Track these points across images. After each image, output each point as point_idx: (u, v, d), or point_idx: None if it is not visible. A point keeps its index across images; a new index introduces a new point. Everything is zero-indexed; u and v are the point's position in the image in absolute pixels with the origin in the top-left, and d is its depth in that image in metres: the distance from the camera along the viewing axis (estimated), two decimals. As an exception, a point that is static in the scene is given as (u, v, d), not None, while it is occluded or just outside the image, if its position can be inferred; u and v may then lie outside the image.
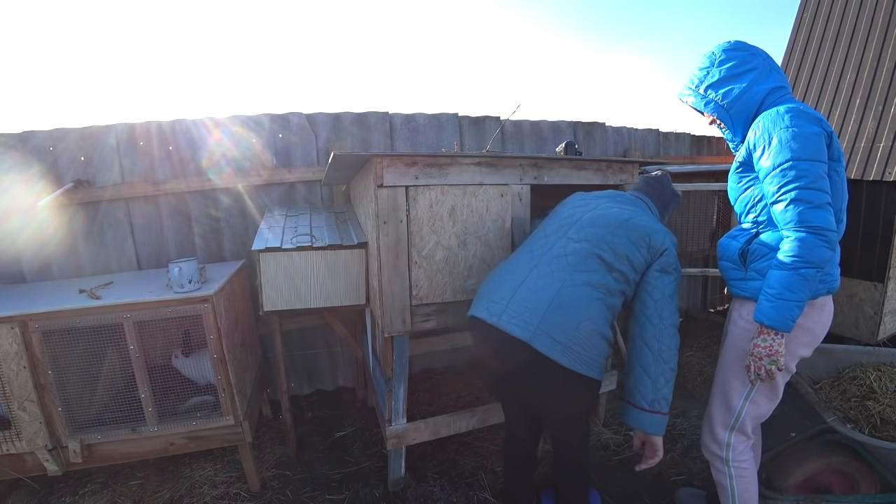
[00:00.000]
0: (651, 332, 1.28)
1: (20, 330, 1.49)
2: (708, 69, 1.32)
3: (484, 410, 1.90)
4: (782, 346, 1.18)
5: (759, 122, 1.22)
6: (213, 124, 2.32)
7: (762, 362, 1.19)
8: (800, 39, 3.49)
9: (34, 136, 2.10)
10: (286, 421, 2.05)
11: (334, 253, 1.76)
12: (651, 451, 1.32)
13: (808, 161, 1.12)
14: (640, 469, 1.34)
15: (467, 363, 2.96)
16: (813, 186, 1.12)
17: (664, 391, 1.27)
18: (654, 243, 1.32)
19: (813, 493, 1.46)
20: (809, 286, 1.13)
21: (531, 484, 1.63)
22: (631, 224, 1.35)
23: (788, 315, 1.14)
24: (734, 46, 1.30)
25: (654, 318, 1.28)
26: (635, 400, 1.28)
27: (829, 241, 1.11)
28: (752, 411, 1.35)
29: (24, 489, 1.87)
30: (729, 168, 1.40)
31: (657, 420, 1.27)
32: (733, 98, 1.27)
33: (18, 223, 2.08)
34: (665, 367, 1.27)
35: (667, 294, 1.30)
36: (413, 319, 1.58)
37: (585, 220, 1.39)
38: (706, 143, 3.92)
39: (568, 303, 1.23)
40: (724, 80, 1.28)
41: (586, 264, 1.29)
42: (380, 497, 1.80)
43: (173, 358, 1.86)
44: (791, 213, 1.13)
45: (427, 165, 1.50)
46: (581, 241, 1.34)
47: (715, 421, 1.41)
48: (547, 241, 1.39)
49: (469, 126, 2.83)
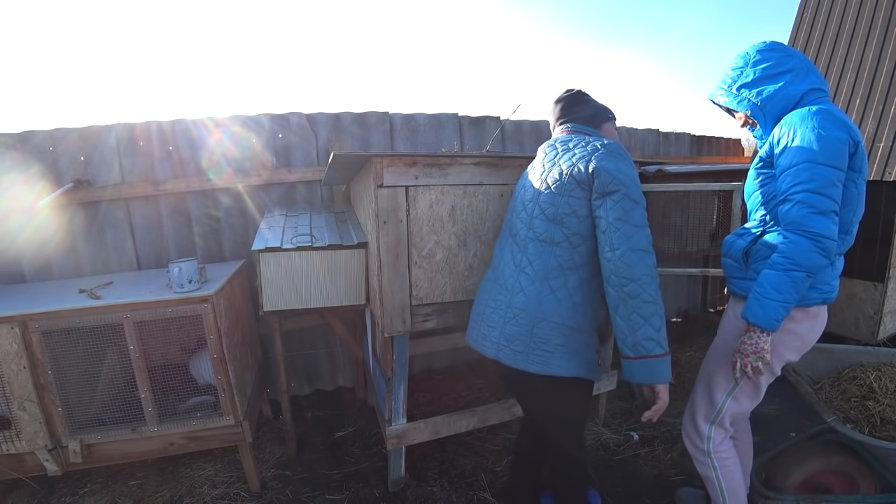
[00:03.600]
0: (607, 268, 1.11)
1: (20, 330, 1.49)
2: (742, 69, 1.30)
3: (484, 410, 1.89)
4: (768, 345, 1.20)
5: (787, 119, 1.21)
6: (213, 124, 2.32)
7: (748, 359, 1.21)
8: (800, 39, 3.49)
9: (34, 136, 2.10)
10: (286, 421, 2.05)
11: (334, 253, 1.76)
12: (653, 397, 1.15)
13: (825, 165, 1.11)
14: (645, 419, 1.18)
15: (467, 363, 2.96)
16: (821, 192, 1.11)
17: (645, 330, 1.08)
18: (579, 175, 1.15)
19: (813, 493, 1.46)
20: (798, 290, 1.14)
21: (535, 483, 1.63)
22: (549, 177, 1.21)
23: (773, 315, 1.15)
24: (770, 47, 1.28)
25: (606, 252, 1.11)
26: (621, 349, 1.13)
27: (824, 248, 1.11)
28: (734, 407, 1.37)
29: (24, 489, 1.87)
30: (728, 168, 1.40)
31: (647, 365, 1.09)
32: (768, 96, 1.25)
33: (18, 223, 2.08)
34: (635, 303, 1.08)
35: (613, 219, 1.10)
36: (413, 319, 1.58)
37: (518, 205, 1.31)
38: (706, 143, 3.92)
39: (519, 311, 1.21)
40: (759, 80, 1.27)
41: (527, 256, 1.22)
42: (380, 497, 1.80)
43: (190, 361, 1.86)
44: (794, 213, 1.14)
45: (427, 165, 1.50)
46: (517, 233, 1.26)
47: (697, 412, 1.43)
48: (501, 247, 1.36)
49: (469, 126, 2.83)
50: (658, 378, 1.11)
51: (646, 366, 1.10)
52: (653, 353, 1.09)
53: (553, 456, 1.41)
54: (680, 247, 2.36)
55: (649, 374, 1.10)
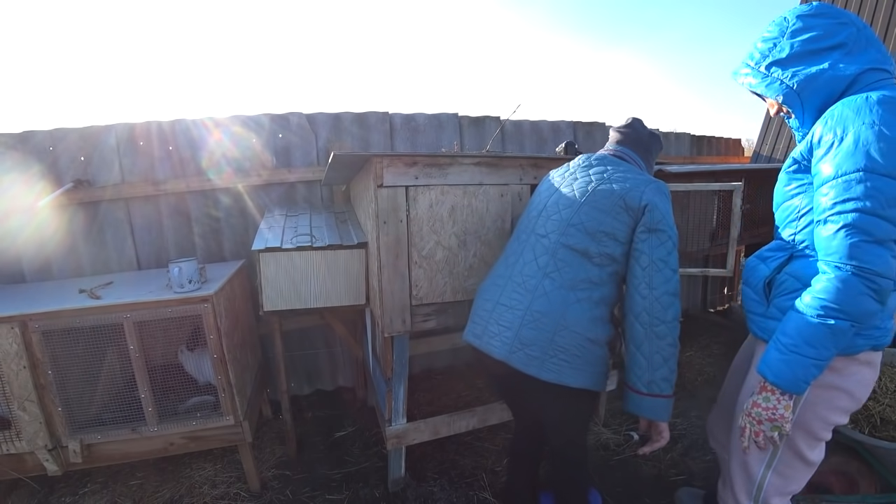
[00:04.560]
0: (640, 305, 1.12)
1: (20, 330, 1.49)
2: (775, 41, 0.99)
3: (484, 410, 1.90)
4: (790, 411, 0.92)
5: (834, 109, 0.91)
6: (213, 124, 2.32)
7: (761, 427, 0.95)
8: (800, 39, 3.49)
9: (34, 136, 2.10)
10: (286, 421, 2.05)
11: (334, 253, 1.76)
12: (656, 434, 1.19)
13: (888, 178, 0.82)
14: (644, 453, 1.23)
15: (467, 363, 2.96)
16: (881, 214, 0.82)
17: (662, 371, 1.11)
18: (631, 202, 1.14)
19: (813, 493, 1.46)
20: (838, 342, 0.86)
21: (534, 483, 1.63)
22: (598, 191, 1.19)
23: (802, 375, 0.88)
24: (816, 11, 0.96)
25: (643, 289, 1.12)
26: (632, 383, 1.15)
27: (878, 290, 0.83)
28: (778, 483, 1.06)
29: (24, 489, 1.87)
30: (729, 168, 1.34)
31: (657, 404, 1.13)
32: (808, 77, 0.95)
33: (18, 223, 2.08)
34: (661, 344, 1.11)
35: (656, 258, 1.11)
36: (413, 319, 1.58)
37: (551, 206, 1.26)
38: (706, 143, 3.92)
39: (540, 315, 1.16)
40: (797, 56, 0.96)
41: (556, 262, 1.18)
42: (380, 497, 1.80)
43: (179, 353, 1.87)
44: (839, 241, 0.84)
45: (427, 165, 1.50)
46: (547, 235, 1.22)
47: (736, 485, 1.13)
48: (518, 244, 1.31)
49: (469, 126, 2.83)
50: (663, 416, 1.14)
51: (655, 403, 1.13)
52: (664, 392, 1.13)
53: (555, 458, 1.40)
54: (680, 247, 2.35)
55: (656, 412, 1.14)
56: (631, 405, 1.17)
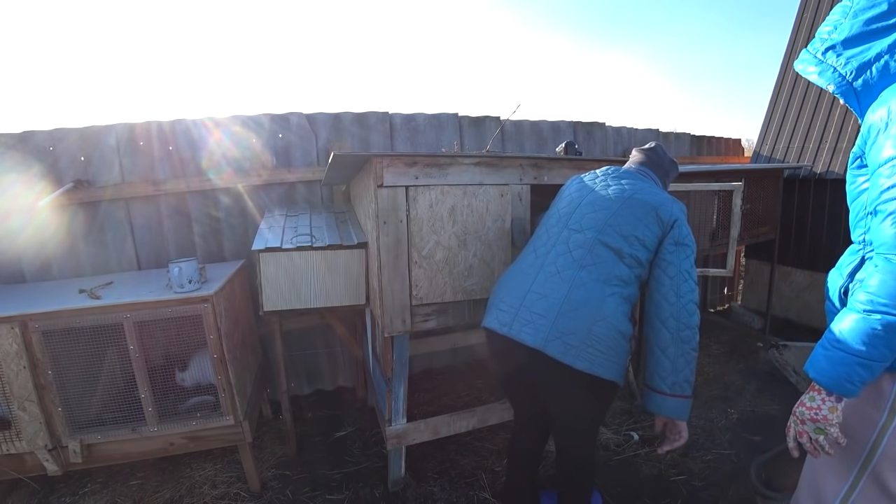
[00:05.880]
0: (668, 311, 1.20)
1: (20, 330, 1.49)
2: (837, 24, 0.90)
3: (484, 410, 1.90)
4: (836, 414, 0.84)
5: (886, 94, 0.82)
6: (213, 124, 2.32)
7: (804, 427, 0.88)
8: (800, 40, 3.49)
9: (34, 136, 2.10)
10: (286, 421, 2.05)
11: (334, 253, 1.76)
12: (675, 434, 1.25)
13: None
14: (664, 451, 1.27)
15: (467, 363, 2.96)
16: None
17: (685, 372, 1.19)
18: (663, 215, 1.25)
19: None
20: (889, 342, 0.76)
21: (534, 482, 1.63)
22: (634, 200, 1.28)
23: (846, 375, 0.80)
24: None
25: (671, 297, 1.20)
26: (655, 384, 1.21)
27: None
28: None
29: (24, 489, 1.87)
30: (729, 168, 1.34)
31: (680, 404, 1.20)
32: (863, 63, 0.84)
33: (18, 223, 2.08)
34: (685, 348, 1.19)
35: (683, 269, 1.22)
36: (413, 319, 1.58)
37: (585, 205, 1.33)
38: (706, 143, 3.92)
39: (578, 305, 1.19)
40: (857, 37, 0.86)
41: (593, 256, 1.24)
42: (380, 497, 1.80)
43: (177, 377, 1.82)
44: (889, 230, 0.77)
45: (427, 165, 1.50)
46: (584, 231, 1.28)
47: None
48: (549, 237, 1.34)
49: (469, 126, 2.83)
50: (683, 416, 1.21)
51: (678, 404, 1.20)
52: (685, 393, 1.20)
53: (562, 457, 1.40)
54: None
55: (678, 412, 1.21)
56: (653, 405, 1.22)
